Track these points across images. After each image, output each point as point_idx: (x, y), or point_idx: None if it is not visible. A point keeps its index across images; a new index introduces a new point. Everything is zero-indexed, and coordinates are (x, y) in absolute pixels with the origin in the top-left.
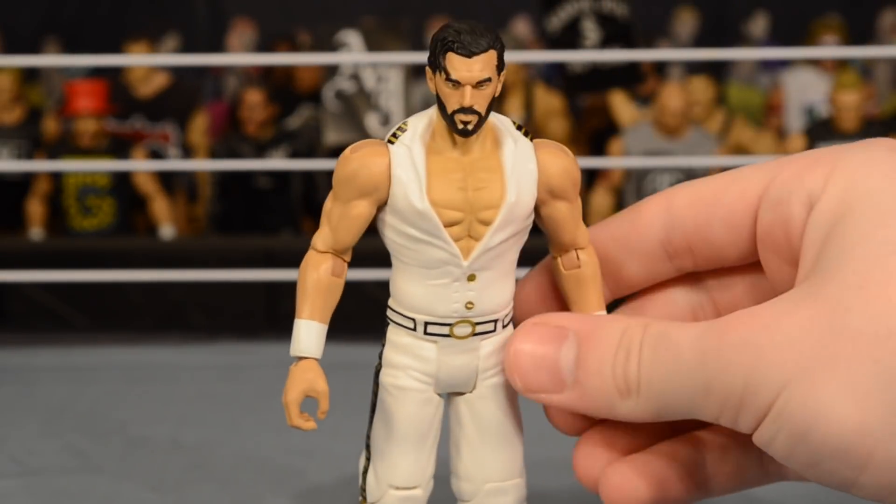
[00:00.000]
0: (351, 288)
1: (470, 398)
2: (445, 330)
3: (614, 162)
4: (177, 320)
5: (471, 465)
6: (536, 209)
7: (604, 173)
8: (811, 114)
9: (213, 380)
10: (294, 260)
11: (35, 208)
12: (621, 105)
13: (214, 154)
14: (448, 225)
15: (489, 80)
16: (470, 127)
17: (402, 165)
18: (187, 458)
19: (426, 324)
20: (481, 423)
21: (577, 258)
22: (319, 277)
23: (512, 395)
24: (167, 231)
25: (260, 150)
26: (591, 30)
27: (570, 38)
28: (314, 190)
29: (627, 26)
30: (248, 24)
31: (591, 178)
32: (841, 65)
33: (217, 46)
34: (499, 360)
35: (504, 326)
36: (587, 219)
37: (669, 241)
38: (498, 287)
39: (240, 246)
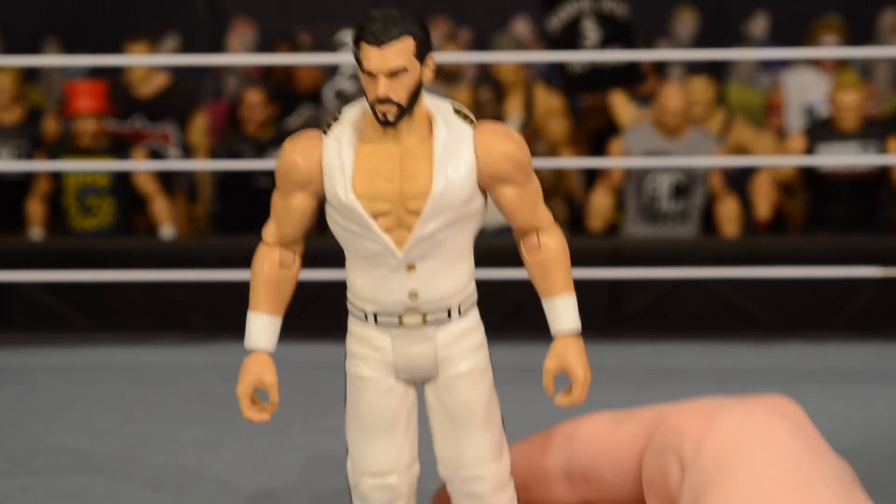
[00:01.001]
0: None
1: (436, 388)
2: (394, 320)
3: (614, 162)
4: (177, 320)
5: (445, 451)
6: (488, 194)
7: (604, 173)
8: (811, 114)
9: (213, 380)
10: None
11: (35, 208)
12: (621, 105)
13: (214, 154)
14: (376, 216)
15: (405, 69)
16: (390, 117)
17: (331, 157)
18: (187, 458)
19: (375, 314)
20: (449, 412)
21: (538, 242)
22: (267, 271)
23: (481, 382)
24: (167, 231)
25: (260, 150)
26: (591, 30)
27: (570, 38)
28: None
29: (627, 26)
30: (248, 24)
31: (591, 178)
32: (841, 65)
33: (217, 46)
34: (459, 348)
35: (461, 313)
36: (587, 218)
37: (571, 471)
38: (445, 275)
39: (240, 246)
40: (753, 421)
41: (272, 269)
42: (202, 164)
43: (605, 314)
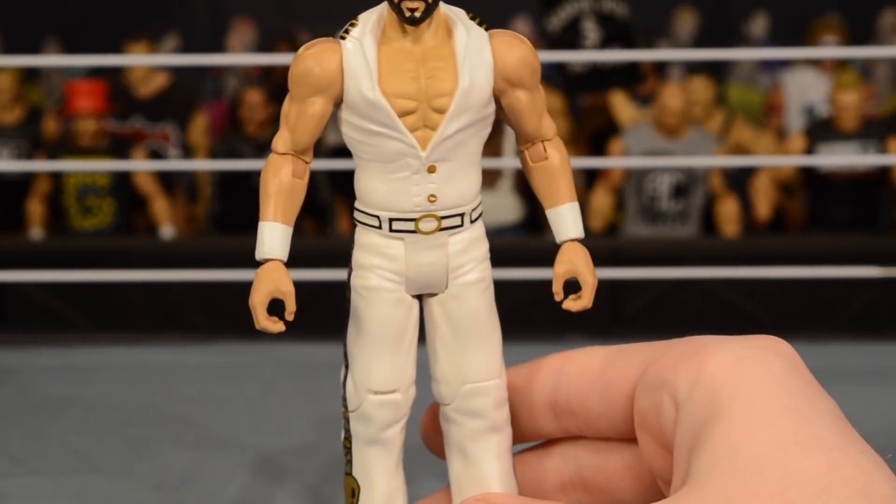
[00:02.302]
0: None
1: (443, 298)
2: (410, 226)
3: (614, 162)
4: (177, 320)
5: (448, 367)
6: (497, 101)
7: (604, 173)
8: (811, 114)
9: (213, 380)
10: (294, 260)
11: (35, 208)
12: (621, 105)
13: (214, 154)
14: (402, 115)
15: None
16: (417, 14)
17: (354, 58)
18: (187, 458)
19: (391, 220)
20: (456, 323)
21: (544, 150)
22: (281, 179)
23: (486, 294)
24: (167, 231)
25: (260, 150)
26: (591, 30)
27: (570, 38)
28: (314, 190)
29: (627, 26)
30: (248, 24)
31: (591, 178)
32: (841, 65)
33: (217, 46)
34: (470, 257)
35: (472, 221)
36: (587, 218)
37: (556, 403)
38: (461, 179)
39: (240, 246)
40: (749, 358)
41: (286, 179)
42: (202, 164)
43: (605, 314)
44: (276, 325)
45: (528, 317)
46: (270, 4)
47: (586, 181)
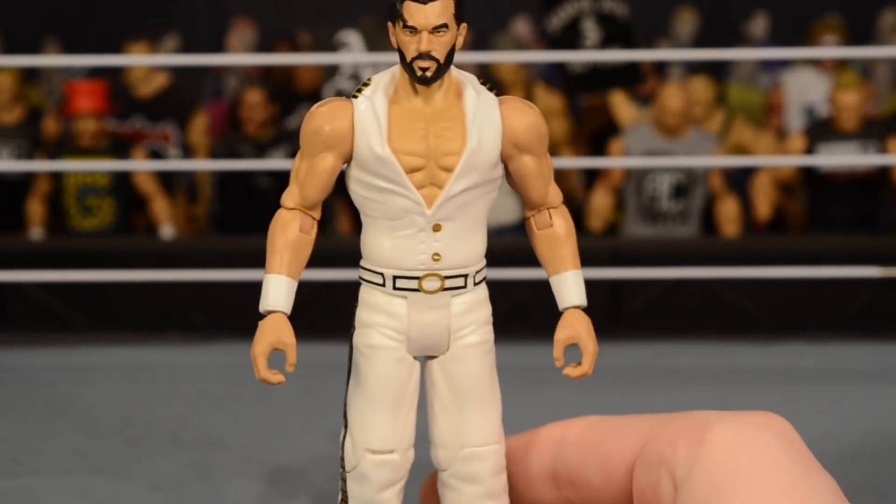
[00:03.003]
0: (351, 288)
1: (444, 360)
2: (414, 284)
3: (614, 162)
4: (177, 320)
5: (446, 431)
6: (505, 165)
7: (604, 173)
8: (811, 114)
9: (213, 380)
10: None
11: (35, 208)
12: (621, 105)
13: (214, 154)
14: (409, 171)
15: (445, 25)
16: (429, 73)
17: (365, 116)
18: (187, 458)
19: (395, 277)
20: (456, 385)
21: (550, 217)
22: (288, 235)
23: (487, 357)
24: (167, 231)
25: (260, 150)
26: (591, 30)
27: (570, 38)
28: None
29: (627, 26)
30: (248, 24)
31: (591, 178)
32: (841, 65)
33: (217, 46)
34: (472, 319)
35: (476, 284)
36: (587, 218)
37: (557, 473)
38: (466, 239)
39: (240, 246)
40: (746, 437)
41: (293, 233)
42: (202, 164)
43: (605, 314)
44: (276, 377)
45: (528, 317)
46: (270, 4)
47: (586, 181)
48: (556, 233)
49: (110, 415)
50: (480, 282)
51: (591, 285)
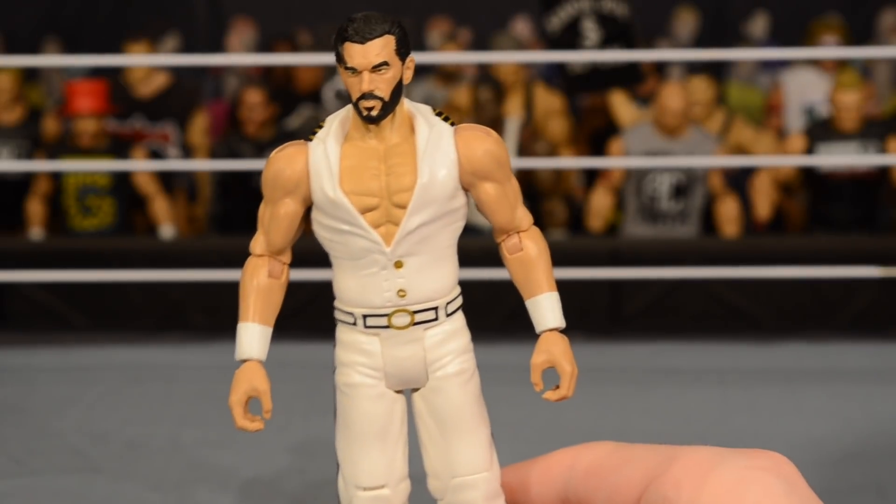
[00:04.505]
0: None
1: (424, 392)
2: (384, 321)
3: (614, 162)
4: (177, 320)
5: (436, 461)
6: (469, 193)
7: (604, 173)
8: (811, 114)
9: (213, 380)
10: (294, 260)
11: (35, 208)
12: (621, 105)
13: (214, 154)
14: (364, 211)
15: (386, 63)
16: (374, 113)
17: (317, 159)
18: (187, 458)
19: (364, 316)
20: (439, 416)
21: (520, 241)
22: (259, 281)
23: (469, 385)
24: (167, 231)
25: (260, 150)
26: (591, 30)
27: (570, 38)
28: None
29: (627, 26)
30: (248, 24)
31: (591, 178)
32: (841, 65)
33: (217, 46)
34: (448, 349)
35: (449, 315)
36: (587, 218)
37: (568, 499)
38: (431, 272)
39: (240, 246)
40: (749, 480)
41: (262, 280)
42: (202, 164)
43: (605, 314)
44: (254, 425)
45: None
46: (270, 4)
47: (586, 181)
48: (527, 256)
49: (110, 415)
50: (454, 312)
51: (591, 285)
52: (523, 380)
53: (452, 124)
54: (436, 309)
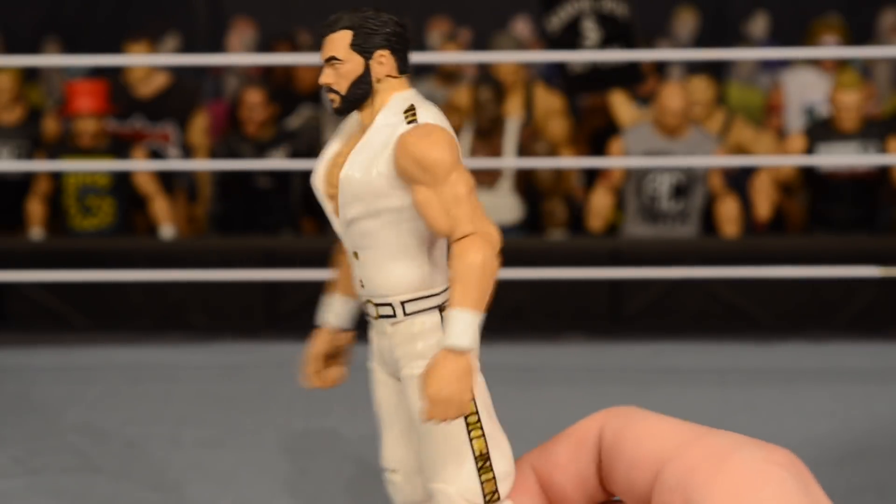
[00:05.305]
0: None
1: (400, 385)
2: (365, 308)
3: (614, 162)
4: (177, 320)
5: (406, 453)
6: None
7: (604, 173)
8: (811, 114)
9: (213, 380)
10: (294, 260)
11: (35, 208)
12: (621, 105)
13: (214, 154)
14: (328, 199)
15: (335, 58)
16: (334, 105)
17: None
18: (187, 457)
19: (360, 303)
20: (409, 412)
21: (455, 250)
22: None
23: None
24: (167, 231)
25: (260, 150)
26: (591, 30)
27: (570, 38)
28: (314, 189)
29: (627, 26)
30: (248, 24)
31: (591, 178)
32: (841, 65)
33: (217, 46)
34: (404, 351)
35: (408, 314)
36: (587, 218)
37: (599, 466)
38: (384, 268)
39: (240, 246)
40: (764, 473)
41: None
42: (202, 164)
43: (605, 314)
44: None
45: (528, 317)
46: (270, 4)
47: (586, 181)
48: (454, 266)
49: (110, 415)
50: (413, 313)
51: (591, 285)
52: (523, 380)
53: (409, 121)
54: (391, 305)
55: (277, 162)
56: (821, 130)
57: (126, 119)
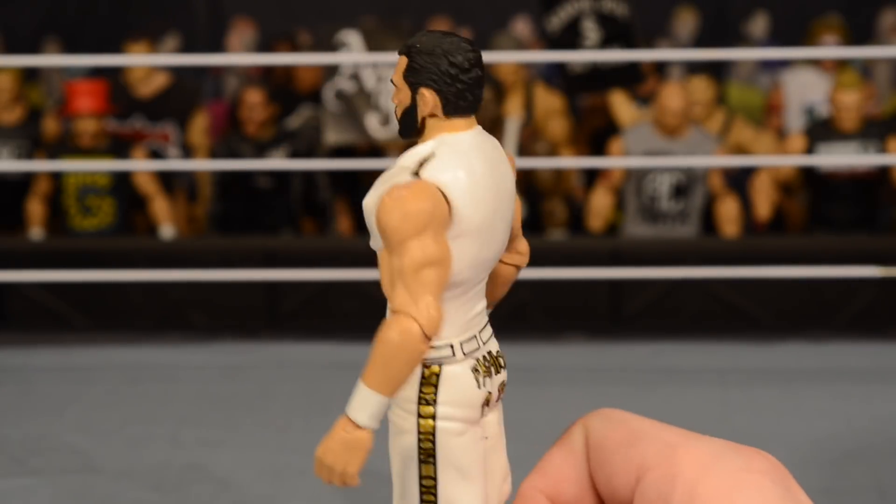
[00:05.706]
0: (351, 288)
1: None
2: None
3: (614, 162)
4: (177, 320)
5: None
6: None
7: (604, 173)
8: (811, 114)
9: (213, 380)
10: (294, 260)
11: (35, 208)
12: (621, 105)
13: (214, 154)
14: None
15: (394, 83)
16: (399, 126)
17: None
18: (187, 458)
19: None
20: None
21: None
22: None
23: (396, 440)
24: (167, 231)
25: (260, 150)
26: (591, 30)
27: (570, 38)
28: (314, 190)
29: (627, 26)
30: (248, 24)
31: (591, 178)
32: (841, 65)
33: (217, 46)
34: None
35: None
36: (587, 218)
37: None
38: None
39: (240, 246)
40: (744, 483)
41: None
42: (202, 164)
43: (605, 314)
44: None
45: (528, 317)
46: (270, 4)
47: (586, 181)
48: (375, 338)
49: (110, 415)
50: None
51: (591, 285)
52: (523, 380)
53: (413, 176)
54: None
55: (277, 162)
56: (821, 130)
57: (126, 119)
